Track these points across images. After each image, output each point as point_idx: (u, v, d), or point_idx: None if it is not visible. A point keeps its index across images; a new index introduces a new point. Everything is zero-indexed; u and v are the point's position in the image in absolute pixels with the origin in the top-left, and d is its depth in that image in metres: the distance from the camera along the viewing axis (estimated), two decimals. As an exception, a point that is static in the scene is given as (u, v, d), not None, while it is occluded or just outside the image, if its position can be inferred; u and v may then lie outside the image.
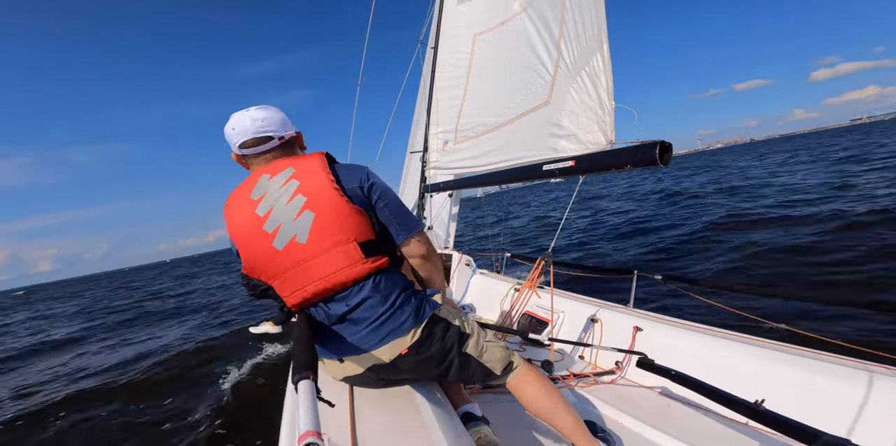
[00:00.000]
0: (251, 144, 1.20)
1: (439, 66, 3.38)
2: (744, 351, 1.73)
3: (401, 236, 1.21)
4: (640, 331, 2.09)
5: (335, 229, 1.10)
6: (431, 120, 3.42)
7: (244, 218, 1.13)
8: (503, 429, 1.49)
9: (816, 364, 1.53)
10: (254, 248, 1.13)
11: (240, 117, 1.20)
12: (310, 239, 1.09)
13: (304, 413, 0.69)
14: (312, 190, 1.10)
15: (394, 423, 1.13)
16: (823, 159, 19.26)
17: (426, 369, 1.24)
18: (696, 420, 1.63)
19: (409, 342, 1.16)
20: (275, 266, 1.13)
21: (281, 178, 1.13)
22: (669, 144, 1.43)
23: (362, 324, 1.15)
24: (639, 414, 1.61)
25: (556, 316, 2.56)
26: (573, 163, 1.80)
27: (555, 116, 2.22)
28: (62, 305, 21.27)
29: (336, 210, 1.09)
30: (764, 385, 1.58)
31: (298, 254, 1.10)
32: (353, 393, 1.31)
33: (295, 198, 1.10)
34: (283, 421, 1.24)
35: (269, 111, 1.22)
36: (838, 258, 5.25)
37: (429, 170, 3.51)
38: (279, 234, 1.10)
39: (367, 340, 1.15)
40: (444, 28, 3.37)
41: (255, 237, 1.12)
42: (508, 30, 2.75)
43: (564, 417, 1.24)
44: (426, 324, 1.19)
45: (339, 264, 1.10)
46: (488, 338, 1.33)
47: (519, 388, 1.31)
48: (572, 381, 1.95)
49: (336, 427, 1.07)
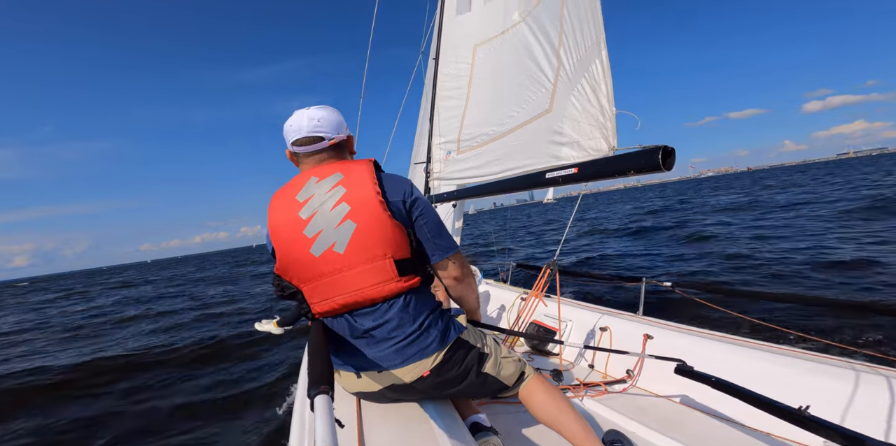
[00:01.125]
0: (303, 143, 1.20)
1: (440, 76, 3.40)
2: (757, 358, 1.68)
3: (436, 256, 1.20)
4: (651, 338, 2.05)
5: (373, 242, 1.09)
6: (434, 130, 3.43)
7: (287, 218, 1.13)
8: (512, 440, 1.47)
9: (838, 371, 1.48)
10: (290, 251, 1.12)
11: (299, 115, 1.21)
12: (348, 249, 1.09)
13: (321, 430, 0.68)
14: (357, 199, 1.09)
15: (402, 436, 1.11)
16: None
17: (443, 389, 1.23)
18: (710, 428, 1.59)
19: (432, 365, 1.15)
20: (308, 271, 1.12)
21: (328, 183, 1.13)
22: (672, 149, 1.42)
23: (388, 342, 1.14)
24: (651, 423, 1.57)
25: (564, 324, 2.52)
26: (576, 170, 1.78)
27: (557, 124, 2.22)
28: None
29: (378, 223, 1.09)
30: (779, 392, 1.54)
31: (334, 263, 1.10)
32: (360, 405, 1.29)
33: (339, 206, 1.09)
34: (292, 432, 1.24)
35: (327, 111, 1.23)
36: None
37: (433, 181, 3.52)
38: (318, 241, 1.09)
39: (391, 359, 1.14)
40: (445, 39, 3.41)
41: (294, 240, 1.11)
42: (508, 39, 2.77)
43: (573, 426, 1.21)
44: (449, 347, 1.18)
45: (372, 279, 1.10)
46: (504, 355, 1.32)
47: (528, 397, 1.30)
48: (583, 391, 1.91)
49: (343, 441, 1.06)
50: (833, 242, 7.79)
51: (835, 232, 8.88)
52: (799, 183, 29.97)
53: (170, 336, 7.48)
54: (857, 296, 4.84)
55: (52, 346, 7.66)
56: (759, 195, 22.48)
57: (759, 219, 12.92)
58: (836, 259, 6.44)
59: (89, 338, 8.15)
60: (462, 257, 1.27)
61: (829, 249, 7.22)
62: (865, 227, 9.02)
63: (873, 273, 5.53)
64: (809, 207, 13.80)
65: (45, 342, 8.28)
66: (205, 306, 11.09)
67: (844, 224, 9.75)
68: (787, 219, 11.74)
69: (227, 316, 9.04)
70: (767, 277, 6.11)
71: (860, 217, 10.46)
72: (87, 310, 13.38)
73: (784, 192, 22.39)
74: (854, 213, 11.02)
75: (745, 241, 9.24)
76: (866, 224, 9.44)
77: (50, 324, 11.03)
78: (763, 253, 7.71)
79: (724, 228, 11.69)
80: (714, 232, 11.10)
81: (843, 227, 9.31)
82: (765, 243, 8.72)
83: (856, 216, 10.64)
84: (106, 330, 9.09)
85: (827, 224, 10.02)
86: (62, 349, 7.29)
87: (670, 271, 7.50)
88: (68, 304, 16.52)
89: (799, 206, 14.44)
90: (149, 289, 20.04)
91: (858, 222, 9.80)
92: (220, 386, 4.61)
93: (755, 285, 5.87)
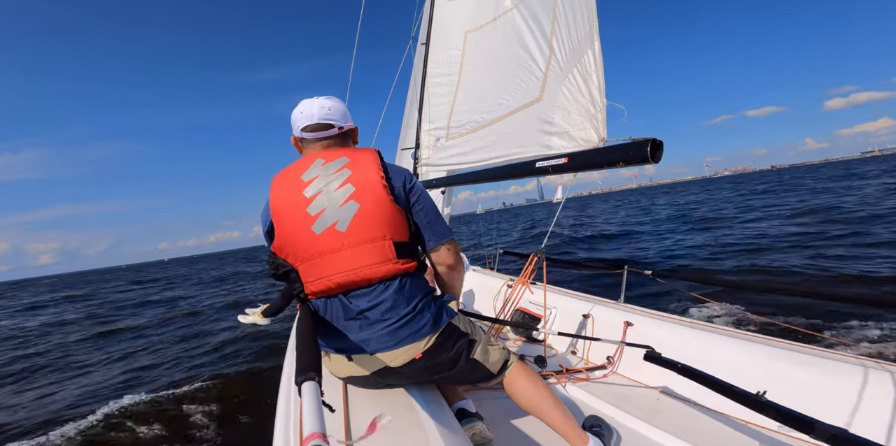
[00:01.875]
0: (314, 129, 1.25)
1: (431, 62, 3.36)
2: (731, 345, 1.75)
3: (432, 242, 1.24)
4: (631, 325, 2.12)
5: (375, 223, 1.12)
6: (424, 116, 3.41)
7: (290, 196, 1.15)
8: (496, 425, 1.51)
9: (806, 358, 1.55)
10: (291, 228, 1.14)
11: (309, 103, 1.25)
12: (349, 228, 1.11)
13: (308, 415, 0.69)
14: (363, 182, 1.13)
15: (390, 422, 1.13)
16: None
17: (433, 374, 1.26)
18: (687, 414, 1.66)
19: (424, 347, 1.18)
20: (307, 249, 1.14)
21: (335, 165, 1.17)
22: (660, 142, 1.45)
23: (381, 324, 1.16)
24: (630, 409, 1.63)
25: (549, 311, 2.59)
26: (566, 160, 1.81)
27: (547, 113, 2.23)
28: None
29: (381, 205, 1.12)
30: (751, 377, 1.62)
31: (334, 241, 1.12)
32: (346, 390, 1.31)
33: (344, 187, 1.13)
34: (278, 419, 1.22)
35: (335, 101, 1.28)
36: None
37: (421, 167, 3.51)
38: (320, 219, 1.12)
39: (384, 341, 1.16)
40: (436, 25, 3.36)
41: (296, 217, 1.13)
42: (500, 26, 2.75)
43: (553, 412, 1.26)
44: (441, 331, 1.21)
45: (371, 259, 1.12)
46: (490, 342, 1.35)
47: (511, 385, 1.34)
48: (565, 377, 1.97)
49: (330, 426, 1.08)
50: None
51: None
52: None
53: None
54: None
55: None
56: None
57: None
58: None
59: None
60: (457, 245, 1.31)
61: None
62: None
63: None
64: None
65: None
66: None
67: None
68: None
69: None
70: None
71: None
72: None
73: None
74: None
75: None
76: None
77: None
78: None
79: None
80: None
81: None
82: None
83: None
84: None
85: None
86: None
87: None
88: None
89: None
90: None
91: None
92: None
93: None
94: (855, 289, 4.91)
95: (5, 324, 12.59)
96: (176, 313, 10.29)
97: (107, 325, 9.77)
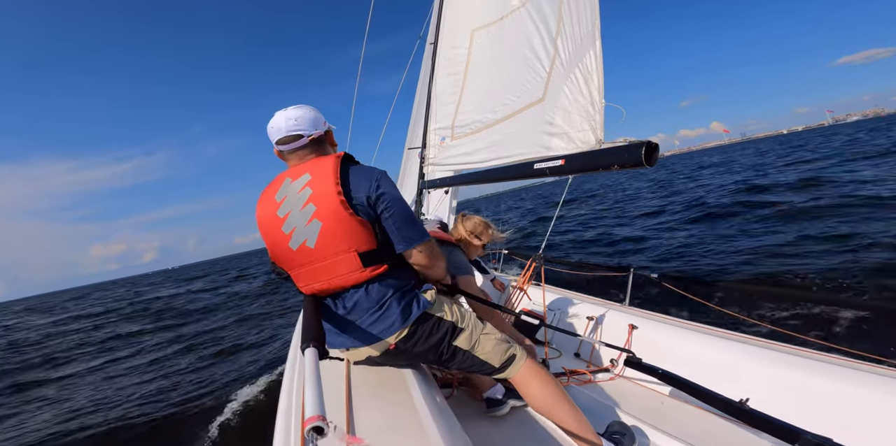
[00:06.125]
0: (284, 142, 1.30)
1: (439, 61, 3.36)
2: (738, 350, 1.71)
3: (401, 246, 1.27)
4: (636, 328, 2.09)
5: (338, 239, 1.19)
6: (430, 116, 3.41)
7: (268, 217, 1.26)
8: (509, 425, 1.53)
9: (809, 363, 1.51)
10: (274, 244, 1.27)
11: (278, 116, 1.30)
12: (317, 245, 1.20)
13: (310, 397, 0.70)
14: (321, 201, 1.19)
15: (390, 417, 1.14)
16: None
17: (420, 358, 1.37)
18: (691, 417, 1.63)
19: (395, 340, 1.26)
20: (290, 261, 1.27)
21: (298, 184, 1.23)
22: (656, 145, 1.42)
23: (353, 324, 1.27)
24: (634, 412, 1.60)
25: (552, 314, 2.56)
26: (563, 162, 1.78)
27: (549, 114, 2.19)
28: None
29: (340, 222, 1.18)
30: (756, 383, 1.57)
31: (307, 256, 1.22)
32: (350, 384, 1.32)
33: (307, 207, 1.20)
34: (284, 383, 1.36)
35: (303, 110, 1.31)
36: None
37: (427, 167, 3.51)
38: (293, 237, 1.22)
39: (362, 336, 1.26)
40: (444, 23, 3.35)
41: (275, 235, 1.25)
42: (507, 25, 2.72)
43: (567, 414, 1.29)
44: (414, 322, 1.27)
45: (339, 271, 1.21)
46: (486, 331, 1.38)
47: (522, 384, 1.36)
48: (568, 379, 1.96)
49: (331, 412, 1.09)
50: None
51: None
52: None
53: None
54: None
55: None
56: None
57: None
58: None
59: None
60: (431, 245, 1.33)
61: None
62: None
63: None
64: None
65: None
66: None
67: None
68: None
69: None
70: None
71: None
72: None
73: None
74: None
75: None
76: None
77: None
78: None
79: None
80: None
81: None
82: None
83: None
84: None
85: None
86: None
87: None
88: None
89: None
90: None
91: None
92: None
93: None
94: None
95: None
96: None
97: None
